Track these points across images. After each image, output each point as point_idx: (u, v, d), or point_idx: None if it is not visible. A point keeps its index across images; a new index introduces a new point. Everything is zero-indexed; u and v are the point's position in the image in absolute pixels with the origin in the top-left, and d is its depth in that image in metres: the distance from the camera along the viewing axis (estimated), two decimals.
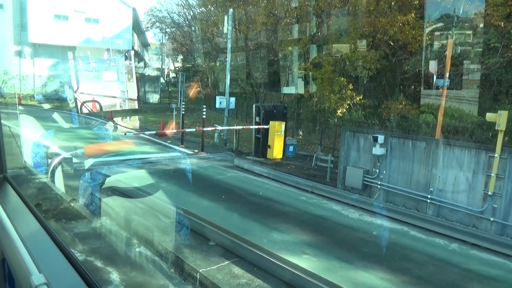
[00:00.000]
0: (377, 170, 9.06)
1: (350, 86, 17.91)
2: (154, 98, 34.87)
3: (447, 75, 8.92)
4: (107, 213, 7.11)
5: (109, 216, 7.08)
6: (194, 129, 13.41)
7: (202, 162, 12.50)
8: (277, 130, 12.72)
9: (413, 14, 15.65)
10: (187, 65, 41.82)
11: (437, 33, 14.34)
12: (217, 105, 15.17)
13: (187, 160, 12.58)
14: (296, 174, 10.88)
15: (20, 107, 22.50)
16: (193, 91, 33.97)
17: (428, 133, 14.22)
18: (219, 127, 14.53)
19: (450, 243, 6.53)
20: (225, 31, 15.32)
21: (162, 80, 44.54)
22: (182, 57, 48.81)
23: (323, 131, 18.46)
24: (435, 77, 9.02)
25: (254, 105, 13.69)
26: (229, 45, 15.09)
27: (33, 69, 29.88)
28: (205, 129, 13.60)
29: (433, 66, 9.10)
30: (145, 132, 13.69)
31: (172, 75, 52.53)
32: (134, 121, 21.70)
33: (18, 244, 1.24)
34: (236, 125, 14.87)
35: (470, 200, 7.61)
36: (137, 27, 37.18)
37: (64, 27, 29.98)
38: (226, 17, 14.99)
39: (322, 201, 8.55)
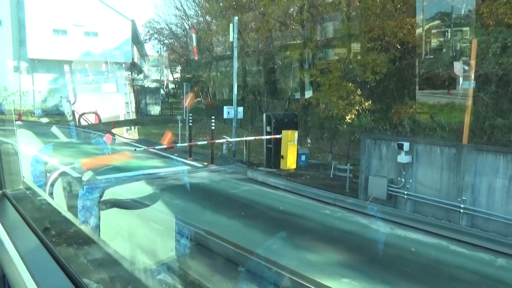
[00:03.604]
0: (402, 179, 8.58)
1: (359, 92, 17.53)
2: (155, 110, 34.53)
3: (472, 76, 8.49)
4: (119, 233, 6.62)
5: (122, 237, 6.60)
6: (205, 142, 12.92)
7: (214, 175, 12.02)
8: (290, 139, 12.27)
9: (421, 16, 15.32)
10: (188, 76, 41.54)
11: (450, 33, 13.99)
12: (225, 115, 14.72)
13: (197, 173, 12.10)
14: (314, 185, 10.40)
15: (19, 122, 22.06)
16: (194, 101, 33.65)
17: (444, 137, 13.78)
18: (230, 139, 14.01)
19: (496, 257, 6.03)
20: (230, 39, 14.95)
21: (162, 91, 44.21)
22: (180, 67, 48.58)
23: (332, 138, 17.99)
24: (461, 79, 8.59)
25: (264, 114, 13.26)
26: (235, 53, 14.71)
27: (32, 85, 29.61)
28: (216, 141, 13.13)
29: (458, 67, 8.67)
30: (155, 147, 13.19)
31: (171, 86, 52.22)
32: (134, 133, 21.28)
33: (17, 260, 1.25)
34: (246, 136, 14.38)
35: (508, 208, 7.12)
36: (136, 39, 37.02)
37: (63, 42, 29.75)
38: (231, 25, 14.61)
39: (347, 214, 8.06)
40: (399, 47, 16.59)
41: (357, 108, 17.89)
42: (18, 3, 29.39)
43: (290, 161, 12.35)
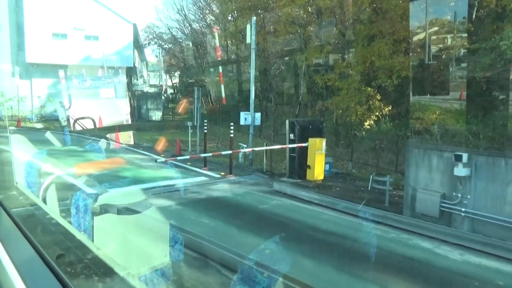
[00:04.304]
0: (459, 195, 7.64)
1: (378, 97, 16.71)
2: (156, 115, 33.69)
3: None
4: (112, 239, 5.63)
5: (115, 242, 5.61)
6: (230, 151, 11.92)
7: (235, 187, 11.04)
8: (317, 148, 11.31)
9: (448, 17, 14.54)
10: (190, 80, 40.69)
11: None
12: (242, 122, 13.76)
13: (217, 185, 11.12)
14: (349, 199, 9.45)
15: (12, 128, 21.22)
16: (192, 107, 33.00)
17: (479, 145, 12.89)
18: (256, 148, 12.95)
19: None
20: (247, 41, 14.04)
21: (162, 97, 43.38)
22: (179, 72, 47.78)
23: (351, 146, 17.09)
24: None
25: (287, 121, 12.31)
26: (252, 56, 13.79)
27: (31, 90, 28.75)
28: (242, 150, 12.15)
29: None
30: (177, 158, 12.20)
31: (170, 91, 51.44)
32: (129, 137, 20.51)
33: (9, 268, 1.25)
34: (266, 144, 13.43)
35: None
36: (136, 44, 36.22)
37: (63, 46, 28.87)
38: (248, 26, 13.71)
39: (402, 235, 7.10)
40: (419, 50, 15.79)
41: (377, 113, 17.08)
42: (17, 6, 28.46)
43: (317, 171, 11.39)
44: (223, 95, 21.26)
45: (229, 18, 26.84)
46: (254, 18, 13.53)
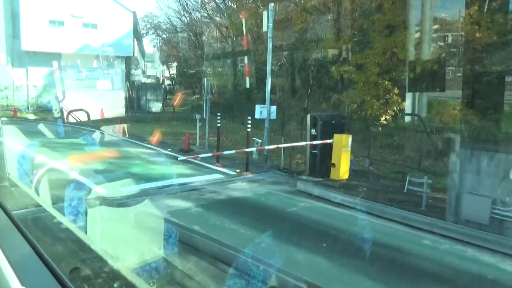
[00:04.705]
0: None
1: (396, 90, 15.98)
2: (156, 106, 32.84)
3: None
4: (106, 231, 4.92)
5: (109, 235, 4.89)
6: (254, 148, 11.13)
7: (254, 186, 10.26)
8: (343, 145, 10.54)
9: (476, 7, 13.73)
10: (191, 71, 39.70)
11: None
12: (257, 115, 12.93)
13: (235, 184, 10.34)
14: (383, 202, 8.70)
15: (4, 118, 20.48)
16: (195, 98, 32.72)
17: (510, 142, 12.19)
18: (280, 145, 12.10)
19: None
20: (264, 29, 13.17)
21: (162, 88, 42.49)
22: (177, 63, 46.83)
23: (367, 141, 16.36)
24: None
25: (308, 116, 11.52)
26: (269, 46, 12.90)
27: (26, 79, 27.79)
28: (266, 147, 11.36)
29: None
30: (200, 156, 11.44)
31: (167, 82, 50.47)
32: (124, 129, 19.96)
33: (2, 260, 1.21)
34: (284, 140, 12.65)
35: None
36: (135, 33, 35.16)
37: (59, 34, 27.83)
38: (265, 13, 12.84)
39: (455, 246, 6.36)
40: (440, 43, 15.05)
41: (394, 108, 16.38)
42: None
43: (342, 170, 10.63)
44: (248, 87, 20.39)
45: (234, 7, 25.95)
46: (272, 4, 12.63)
